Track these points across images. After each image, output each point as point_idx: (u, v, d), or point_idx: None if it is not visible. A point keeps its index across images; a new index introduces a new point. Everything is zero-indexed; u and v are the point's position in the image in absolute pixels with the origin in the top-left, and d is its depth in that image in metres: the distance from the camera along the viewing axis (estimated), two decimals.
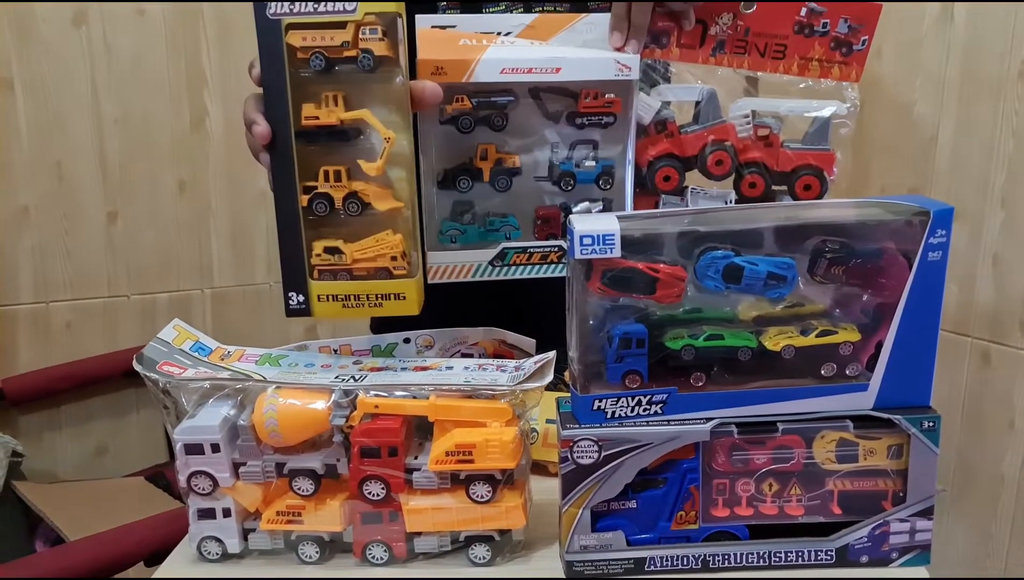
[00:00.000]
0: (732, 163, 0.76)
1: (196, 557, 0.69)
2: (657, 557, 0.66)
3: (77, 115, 1.71)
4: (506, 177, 0.75)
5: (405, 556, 0.68)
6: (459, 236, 0.76)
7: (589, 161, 0.76)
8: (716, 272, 0.64)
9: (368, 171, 0.68)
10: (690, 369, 0.65)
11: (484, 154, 0.75)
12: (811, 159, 0.77)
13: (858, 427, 0.65)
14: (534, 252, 0.75)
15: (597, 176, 0.77)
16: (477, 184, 0.76)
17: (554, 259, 0.75)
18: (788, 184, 0.78)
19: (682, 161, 0.77)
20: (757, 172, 0.77)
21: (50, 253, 1.74)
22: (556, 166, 0.77)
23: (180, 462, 0.67)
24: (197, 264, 1.84)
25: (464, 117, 0.74)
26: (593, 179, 0.76)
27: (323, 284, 0.70)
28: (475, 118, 0.74)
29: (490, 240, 0.76)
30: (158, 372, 0.68)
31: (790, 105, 0.77)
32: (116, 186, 1.76)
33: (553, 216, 0.77)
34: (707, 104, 0.77)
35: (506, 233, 0.76)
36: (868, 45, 0.75)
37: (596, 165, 0.77)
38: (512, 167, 0.76)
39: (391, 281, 0.70)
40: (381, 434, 0.65)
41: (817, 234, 0.64)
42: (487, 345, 0.85)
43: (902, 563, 0.67)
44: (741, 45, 0.75)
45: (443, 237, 0.76)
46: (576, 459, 0.64)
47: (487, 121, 0.75)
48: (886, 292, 0.64)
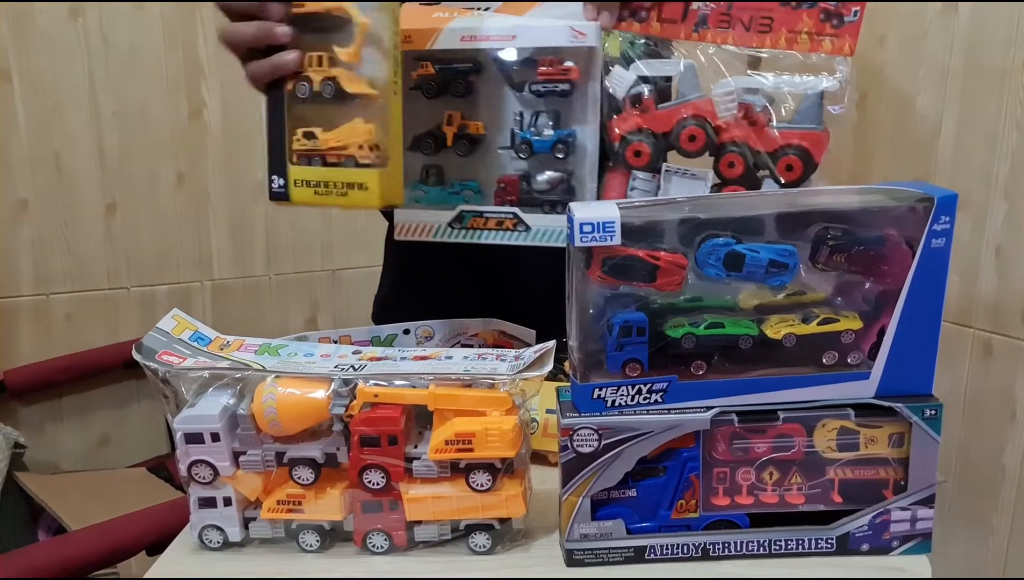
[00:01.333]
0: (707, 140, 0.74)
1: (197, 546, 0.69)
2: (657, 546, 0.66)
3: (75, 107, 1.71)
4: (466, 142, 0.78)
5: (405, 545, 0.68)
6: (423, 197, 0.79)
7: (548, 130, 0.77)
8: (717, 260, 0.63)
9: (341, 56, 0.70)
10: (691, 357, 0.65)
11: (450, 120, 0.78)
12: (796, 138, 0.74)
13: (859, 415, 0.65)
14: (490, 217, 0.77)
15: (552, 144, 0.77)
16: (443, 149, 0.78)
17: (509, 226, 0.76)
18: (770, 164, 0.75)
19: (656, 138, 0.76)
20: (737, 151, 0.74)
21: (50, 245, 1.74)
22: (516, 134, 0.78)
23: (180, 451, 0.67)
24: (196, 256, 1.84)
25: (428, 83, 0.77)
26: (549, 147, 0.77)
27: (300, 169, 0.72)
28: (438, 83, 0.78)
29: (451, 203, 0.78)
30: (157, 362, 0.68)
31: (777, 81, 0.74)
32: (115, 178, 1.76)
33: (511, 183, 0.78)
34: (684, 78, 0.75)
35: (466, 197, 0.78)
36: (861, 16, 0.72)
37: (553, 134, 0.77)
38: (475, 133, 0.78)
39: (356, 170, 0.71)
40: (381, 423, 0.65)
41: (819, 221, 0.64)
42: (487, 336, 0.85)
43: (902, 551, 0.67)
44: (725, 19, 0.74)
45: (411, 196, 0.79)
46: (576, 448, 0.64)
47: (449, 88, 0.77)
48: (888, 280, 0.64)
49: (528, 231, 0.76)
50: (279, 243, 1.88)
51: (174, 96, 1.75)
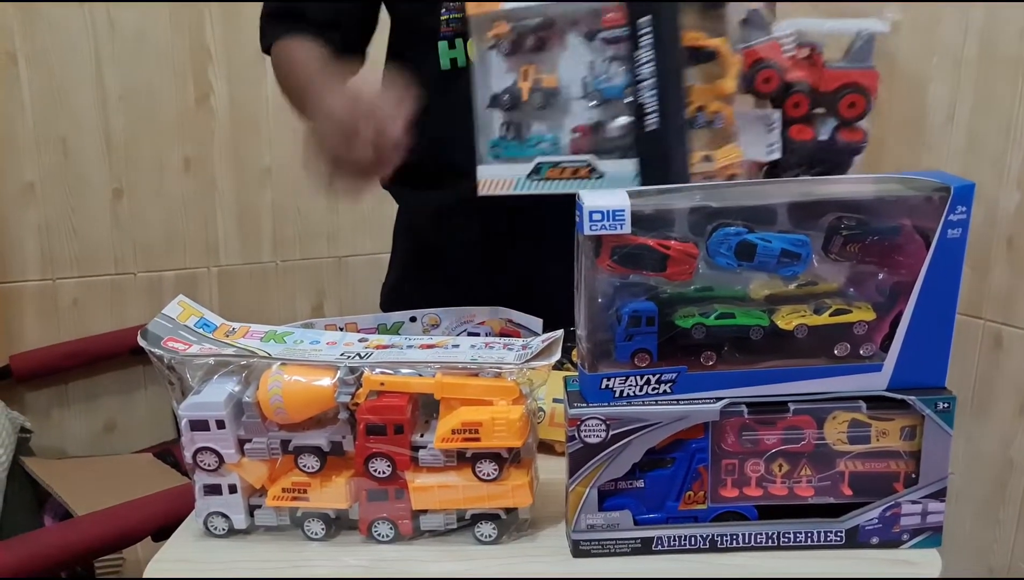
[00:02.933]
0: (780, 81, 0.75)
1: (202, 532, 0.69)
2: (664, 537, 0.65)
3: (81, 91, 1.70)
4: (541, 95, 0.78)
5: (411, 533, 0.68)
6: (502, 152, 0.79)
7: (617, 77, 0.76)
8: (728, 249, 0.62)
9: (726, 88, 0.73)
10: (700, 348, 0.64)
11: (525, 75, 0.78)
12: (856, 77, 0.76)
13: (871, 408, 0.64)
14: (566, 167, 0.77)
15: (622, 89, 0.76)
16: (522, 104, 0.79)
17: (584, 174, 0.76)
18: (831, 104, 0.77)
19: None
20: (802, 91, 0.76)
21: (56, 230, 1.74)
22: (588, 83, 0.78)
23: (185, 438, 0.66)
24: (203, 242, 1.83)
25: (503, 41, 0.78)
26: (619, 93, 0.76)
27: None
28: (512, 41, 0.78)
29: (528, 155, 0.78)
30: (163, 348, 0.67)
31: (833, 24, 0.77)
32: (121, 163, 1.75)
33: (584, 131, 0.78)
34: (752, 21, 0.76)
35: (543, 149, 0.78)
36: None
37: (622, 79, 0.76)
38: (549, 87, 0.78)
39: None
40: (387, 411, 0.65)
41: (833, 210, 0.63)
42: (493, 324, 0.84)
43: (912, 545, 0.66)
44: None
45: (490, 153, 0.80)
46: (583, 438, 0.63)
47: (523, 44, 0.78)
48: (903, 270, 0.63)
49: (603, 177, 0.76)
50: (286, 229, 1.88)
51: (181, 81, 1.75)
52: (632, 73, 0.74)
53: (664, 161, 0.73)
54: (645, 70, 0.73)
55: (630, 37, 0.73)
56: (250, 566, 0.66)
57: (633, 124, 0.75)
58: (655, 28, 0.72)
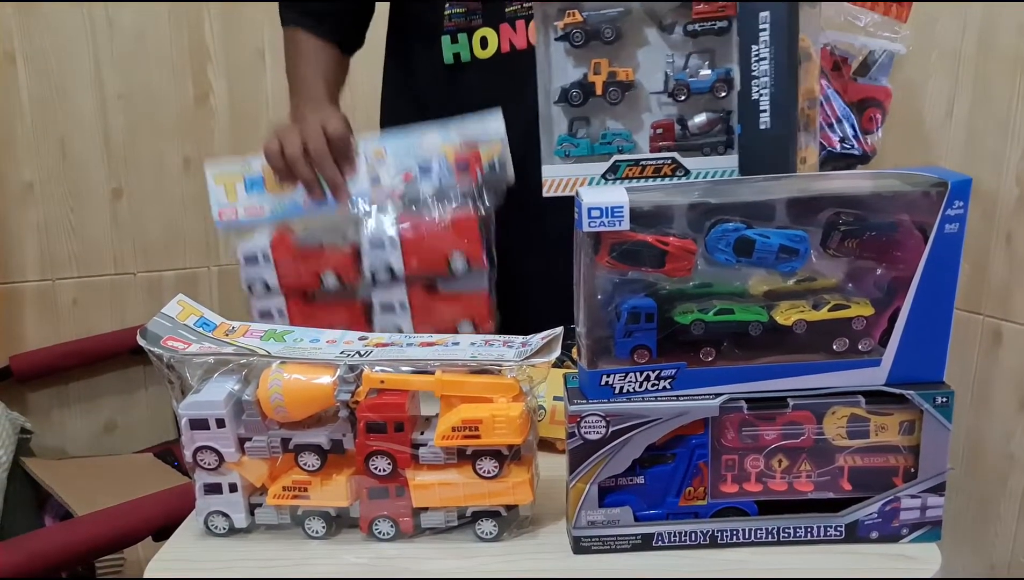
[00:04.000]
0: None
1: (203, 532, 0.69)
2: (665, 533, 0.66)
3: (80, 90, 1.70)
4: (618, 89, 0.76)
5: (412, 531, 0.68)
6: (572, 149, 0.77)
7: (704, 70, 0.75)
8: (727, 245, 0.62)
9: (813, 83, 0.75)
10: (700, 344, 0.64)
11: (597, 68, 0.76)
12: (876, 92, 0.80)
13: (870, 403, 0.64)
14: (647, 165, 0.75)
15: (712, 84, 0.75)
16: (592, 99, 0.76)
17: (667, 172, 0.75)
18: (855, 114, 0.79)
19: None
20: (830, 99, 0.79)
21: (56, 230, 1.74)
22: (670, 77, 0.76)
23: (185, 437, 0.66)
24: (203, 241, 1.83)
25: (575, 31, 0.75)
26: (708, 88, 0.75)
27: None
28: (586, 31, 0.75)
29: (603, 153, 0.76)
30: (162, 347, 0.67)
31: (863, 41, 0.80)
32: (120, 162, 1.75)
33: (667, 127, 0.76)
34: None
35: (619, 146, 0.76)
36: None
37: (711, 73, 0.75)
38: (625, 80, 0.76)
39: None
40: (387, 409, 0.65)
41: (831, 206, 0.63)
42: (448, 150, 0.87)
43: (912, 539, 0.66)
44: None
45: (558, 151, 0.77)
46: (584, 434, 0.63)
47: (598, 34, 0.75)
48: (901, 266, 0.63)
49: (688, 175, 0.75)
50: None
51: (180, 80, 1.74)
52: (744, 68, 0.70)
53: (773, 160, 0.70)
54: (760, 67, 0.70)
55: (743, 32, 0.70)
56: (251, 565, 0.66)
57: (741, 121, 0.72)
58: (774, 24, 0.69)
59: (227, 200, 0.89)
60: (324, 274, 0.86)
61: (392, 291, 0.86)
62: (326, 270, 0.86)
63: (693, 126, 0.76)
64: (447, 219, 0.85)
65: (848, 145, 0.77)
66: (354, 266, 0.86)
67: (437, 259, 0.85)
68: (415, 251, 0.85)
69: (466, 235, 0.85)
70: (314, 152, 0.86)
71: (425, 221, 0.85)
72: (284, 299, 0.88)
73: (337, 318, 0.87)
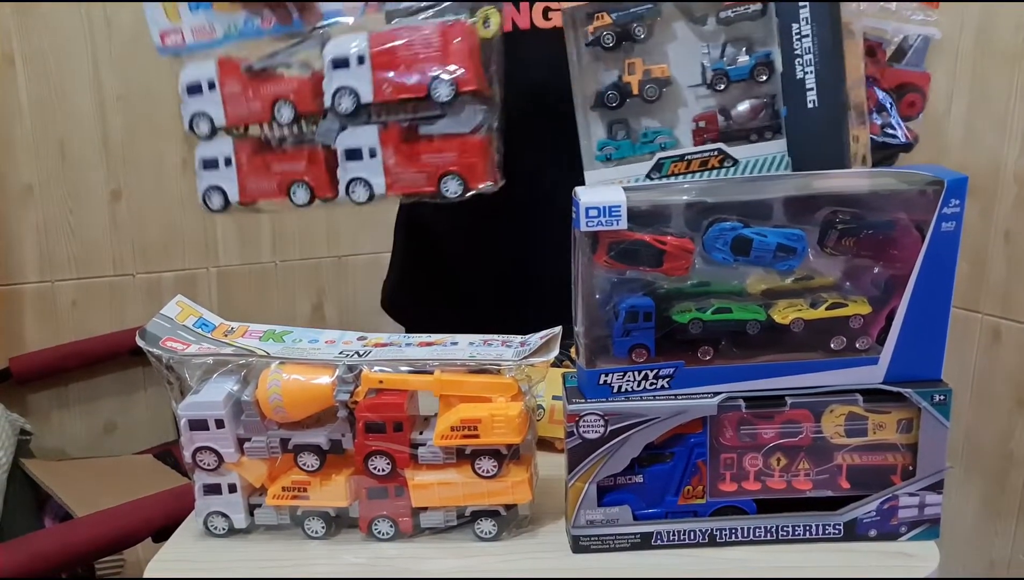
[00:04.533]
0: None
1: (203, 532, 0.69)
2: (664, 532, 0.66)
3: (79, 92, 1.70)
4: (655, 86, 0.74)
5: (411, 531, 0.68)
6: (614, 152, 0.75)
7: (742, 57, 0.73)
8: (724, 244, 0.63)
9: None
10: (698, 343, 0.64)
11: (631, 68, 0.74)
12: (915, 78, 0.79)
13: (868, 401, 0.64)
14: (692, 159, 0.73)
15: (751, 69, 0.73)
16: (629, 100, 0.75)
17: (715, 164, 0.72)
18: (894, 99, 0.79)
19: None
20: (870, 85, 0.77)
21: (55, 232, 1.74)
22: (707, 68, 0.74)
23: (184, 438, 0.67)
24: (202, 242, 1.83)
25: (605, 33, 0.73)
26: (747, 74, 0.73)
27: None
28: (616, 32, 0.73)
29: (646, 152, 0.75)
30: (161, 348, 0.67)
31: (896, 26, 0.79)
32: (119, 164, 1.75)
33: (710, 119, 0.74)
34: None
35: (661, 144, 0.74)
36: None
37: (749, 59, 0.73)
38: (661, 77, 0.74)
39: None
40: (386, 409, 0.65)
41: (828, 205, 0.63)
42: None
43: (910, 537, 0.66)
44: None
45: (599, 156, 0.75)
46: (582, 434, 0.64)
47: (629, 35, 0.74)
48: (898, 264, 0.63)
49: (737, 164, 0.72)
50: (285, 229, 1.88)
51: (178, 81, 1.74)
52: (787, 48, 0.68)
53: (824, 140, 0.68)
54: (803, 44, 0.68)
55: (782, 11, 0.68)
56: (251, 565, 0.66)
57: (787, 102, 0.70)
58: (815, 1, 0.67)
59: (168, 21, 0.75)
60: (278, 104, 0.72)
61: (360, 132, 0.71)
62: (280, 99, 0.71)
63: (737, 115, 0.74)
64: (433, 29, 0.69)
65: (892, 132, 0.77)
66: (313, 95, 0.71)
67: (415, 81, 0.68)
68: (387, 69, 0.69)
69: (457, 49, 0.68)
70: None
71: (403, 33, 0.69)
72: (232, 142, 0.74)
73: (293, 168, 0.73)
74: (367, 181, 0.72)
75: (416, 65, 0.69)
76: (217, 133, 0.74)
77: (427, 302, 0.97)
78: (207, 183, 0.76)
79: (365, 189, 0.72)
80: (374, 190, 0.73)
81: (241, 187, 0.75)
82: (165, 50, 0.76)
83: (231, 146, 0.74)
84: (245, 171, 0.74)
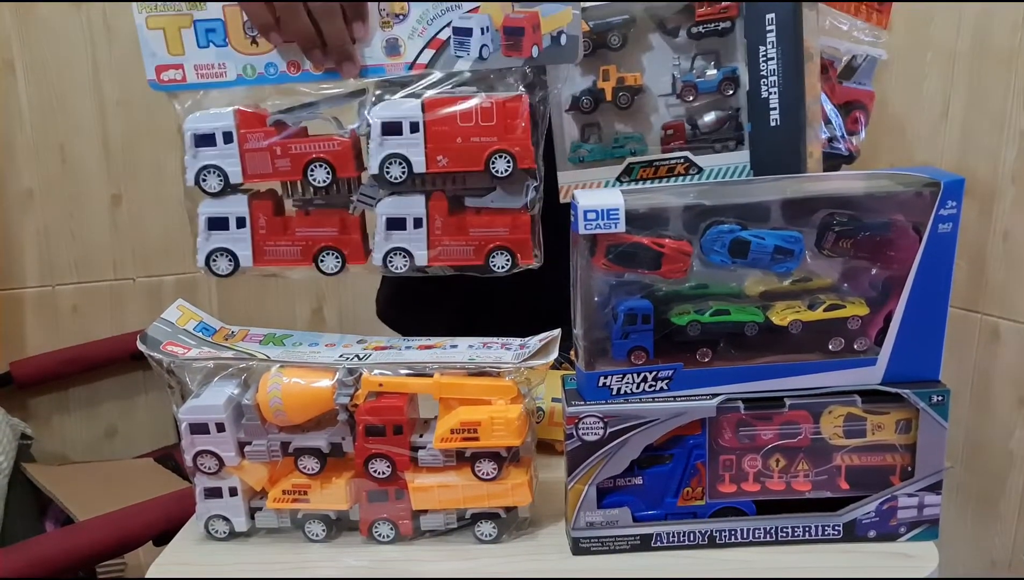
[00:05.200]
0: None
1: (204, 536, 0.69)
2: (663, 533, 0.66)
3: (79, 97, 1.70)
4: (627, 94, 0.76)
5: (411, 534, 0.68)
6: (587, 155, 0.77)
7: (710, 70, 0.76)
8: (722, 246, 0.63)
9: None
10: (696, 345, 0.65)
11: (606, 75, 0.76)
12: (861, 96, 0.81)
13: (866, 402, 0.65)
14: (660, 165, 0.75)
15: (719, 83, 0.76)
16: (602, 105, 0.76)
17: (681, 171, 0.74)
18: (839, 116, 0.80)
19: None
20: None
21: (55, 236, 1.74)
22: (678, 79, 0.77)
23: (185, 441, 0.67)
24: None
25: (584, 40, 0.72)
26: (715, 87, 0.76)
27: None
28: (594, 40, 0.75)
29: (616, 156, 0.76)
30: (162, 352, 0.68)
31: (848, 46, 0.81)
32: (120, 168, 1.75)
33: (678, 128, 0.77)
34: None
35: (631, 149, 0.76)
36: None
37: (717, 73, 0.76)
38: (634, 85, 0.76)
39: None
40: (386, 412, 0.65)
41: (825, 207, 0.63)
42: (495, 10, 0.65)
43: (910, 538, 0.66)
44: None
45: (572, 157, 0.77)
46: (582, 436, 0.64)
47: (605, 42, 0.75)
48: (895, 265, 0.63)
49: (701, 173, 0.75)
50: None
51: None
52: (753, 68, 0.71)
53: (784, 156, 0.72)
54: (768, 66, 0.71)
55: (751, 33, 0.71)
56: (251, 568, 0.66)
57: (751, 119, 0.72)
58: (780, 25, 0.70)
59: (168, 54, 0.65)
60: (312, 166, 0.64)
61: (405, 201, 0.66)
62: (317, 159, 0.64)
63: (703, 125, 0.76)
64: (489, 102, 0.64)
65: (836, 146, 0.78)
66: (354, 159, 0.66)
67: (473, 155, 0.64)
68: (443, 142, 0.64)
69: (513, 125, 0.64)
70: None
71: (458, 102, 0.64)
72: (246, 201, 0.66)
73: (323, 234, 0.67)
74: (408, 252, 0.67)
75: (473, 137, 0.65)
76: (227, 190, 0.67)
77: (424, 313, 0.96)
78: (213, 245, 0.68)
79: (405, 259, 0.67)
80: (415, 261, 0.68)
81: (257, 250, 0.68)
82: (160, 86, 0.68)
83: (245, 205, 0.67)
84: (263, 234, 0.67)
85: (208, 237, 0.67)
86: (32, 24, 1.65)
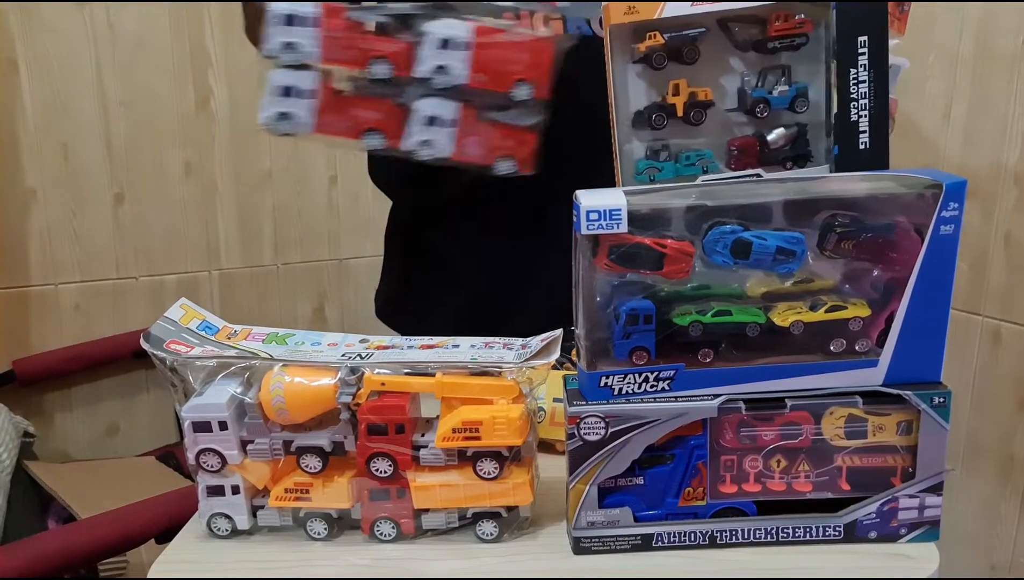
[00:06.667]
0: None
1: (206, 534, 0.69)
2: (664, 533, 0.66)
3: (82, 97, 1.71)
4: (700, 110, 0.76)
5: (413, 532, 0.68)
6: (657, 174, 0.76)
7: (781, 86, 0.75)
8: (724, 247, 0.63)
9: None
10: (698, 345, 0.65)
11: (676, 89, 0.75)
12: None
13: (867, 403, 0.65)
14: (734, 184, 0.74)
15: (791, 99, 0.75)
16: (671, 120, 0.76)
17: None
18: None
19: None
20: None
21: (58, 235, 1.74)
22: (748, 94, 0.76)
23: (188, 439, 0.67)
24: (204, 245, 1.84)
25: (657, 53, 0.74)
26: (787, 103, 0.75)
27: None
28: (667, 53, 0.75)
29: (687, 175, 0.76)
30: (165, 350, 0.68)
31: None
32: (123, 168, 1.76)
33: (748, 146, 0.76)
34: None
35: (703, 167, 0.76)
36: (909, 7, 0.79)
37: (790, 89, 0.75)
38: (705, 100, 0.76)
39: None
40: (388, 411, 0.65)
41: (827, 208, 0.63)
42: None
43: (910, 539, 0.66)
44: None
45: (640, 176, 0.77)
46: (583, 435, 0.64)
47: (679, 56, 0.75)
48: (897, 267, 0.63)
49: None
50: (287, 232, 1.88)
51: (181, 85, 1.75)
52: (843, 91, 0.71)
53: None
54: (859, 89, 0.71)
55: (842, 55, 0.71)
56: (253, 567, 0.67)
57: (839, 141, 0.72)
58: (871, 48, 0.70)
59: None
60: (374, 60, 0.75)
61: (444, 104, 0.77)
62: (380, 56, 0.75)
63: (772, 142, 0.76)
64: (525, 39, 0.77)
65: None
66: (408, 61, 0.76)
67: (503, 79, 0.76)
68: (483, 63, 0.76)
69: (540, 62, 0.76)
70: None
71: (502, 34, 0.77)
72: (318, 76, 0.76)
73: (372, 116, 0.77)
74: (437, 144, 0.78)
75: (507, 65, 0.76)
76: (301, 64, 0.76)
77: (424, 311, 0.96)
78: (279, 108, 0.76)
79: (429, 151, 0.78)
80: (437, 153, 0.78)
81: (318, 120, 0.77)
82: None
83: (317, 80, 0.76)
84: (324, 106, 0.76)
85: (274, 102, 0.76)
86: (36, 24, 1.66)
